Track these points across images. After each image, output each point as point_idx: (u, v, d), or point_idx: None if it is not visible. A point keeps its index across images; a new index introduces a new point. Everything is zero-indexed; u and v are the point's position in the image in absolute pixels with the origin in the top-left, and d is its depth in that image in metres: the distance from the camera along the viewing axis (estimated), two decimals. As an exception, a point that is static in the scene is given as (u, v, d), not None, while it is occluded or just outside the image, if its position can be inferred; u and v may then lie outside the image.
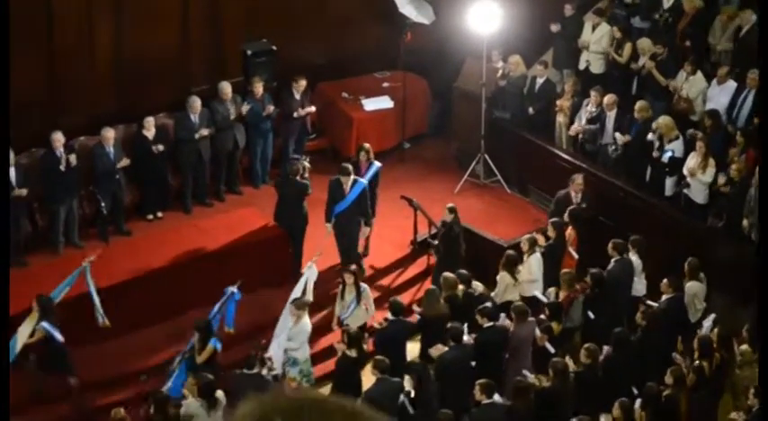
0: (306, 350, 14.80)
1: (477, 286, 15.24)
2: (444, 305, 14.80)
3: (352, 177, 16.41)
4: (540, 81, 18.70)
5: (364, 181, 16.48)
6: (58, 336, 14.34)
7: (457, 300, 14.91)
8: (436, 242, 16.57)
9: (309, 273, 15.25)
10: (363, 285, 15.40)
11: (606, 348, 13.93)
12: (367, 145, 17.24)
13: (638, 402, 12.99)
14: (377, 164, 16.91)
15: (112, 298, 15.19)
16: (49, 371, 14.70)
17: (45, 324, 14.33)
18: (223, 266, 16.00)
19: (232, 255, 16.34)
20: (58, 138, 16.74)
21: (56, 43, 17.37)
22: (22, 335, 14.34)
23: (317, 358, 15.19)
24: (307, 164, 17.01)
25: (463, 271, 15.36)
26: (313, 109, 18.80)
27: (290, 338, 14.68)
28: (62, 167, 16.69)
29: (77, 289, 14.86)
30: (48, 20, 17.17)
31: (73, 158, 16.74)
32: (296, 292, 15.02)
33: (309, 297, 15.09)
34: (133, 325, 15.52)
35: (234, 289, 14.86)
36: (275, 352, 14.66)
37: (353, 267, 15.57)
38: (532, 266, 15.49)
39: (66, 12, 17.29)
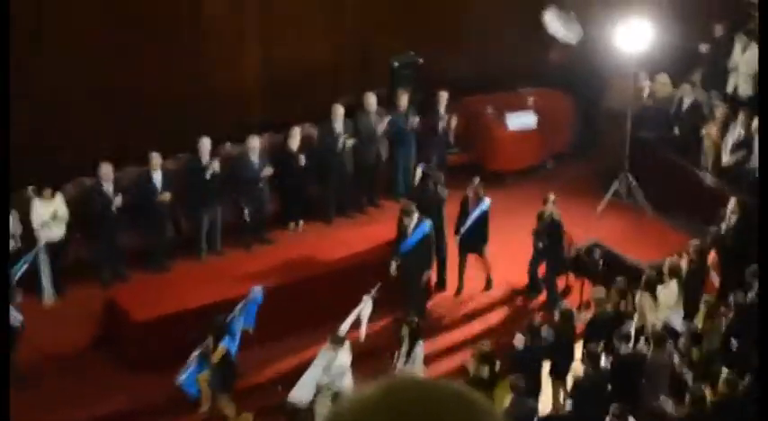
0: (345, 383, 14.54)
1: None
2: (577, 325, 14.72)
3: (416, 217, 15.92)
4: (687, 101, 18.57)
5: (427, 225, 15.91)
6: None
7: (603, 320, 14.75)
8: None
9: (365, 306, 15.03)
10: (419, 342, 14.68)
11: (747, 378, 13.54)
12: (477, 179, 16.79)
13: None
14: (487, 201, 16.50)
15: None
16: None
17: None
18: (360, 278, 15.91)
19: (370, 267, 16.25)
20: (204, 144, 16.99)
21: (207, 53, 17.73)
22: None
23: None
24: (440, 178, 16.96)
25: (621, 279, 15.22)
26: (456, 122, 18.69)
27: (324, 371, 14.50)
28: (207, 175, 16.90)
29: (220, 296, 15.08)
30: (199, 30, 17.58)
31: (217, 166, 16.93)
32: (346, 324, 14.79)
33: (363, 330, 14.93)
34: (270, 333, 15.50)
35: (258, 290, 14.83)
36: (302, 387, 14.53)
37: (412, 319, 14.97)
38: (673, 290, 15.20)
39: (217, 23, 17.71)
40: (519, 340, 14.41)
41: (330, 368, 14.55)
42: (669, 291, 15.23)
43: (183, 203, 17.26)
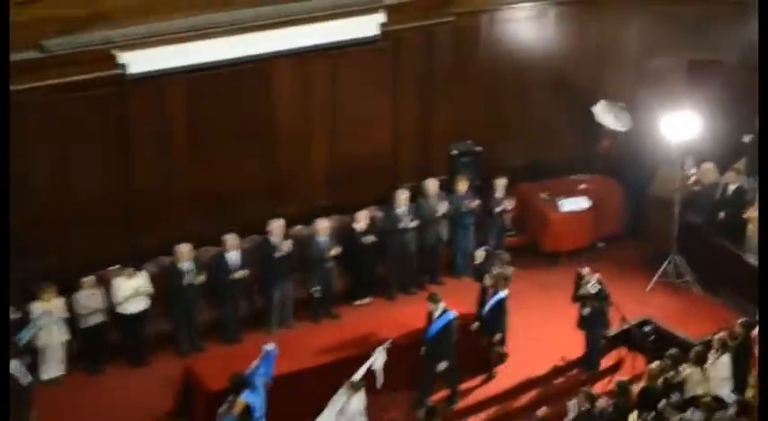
0: None
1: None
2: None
3: (441, 307, 15.61)
4: (732, 187, 18.32)
5: (451, 315, 15.55)
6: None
7: (653, 391, 14.44)
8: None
9: (378, 356, 15.02)
10: None
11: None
12: (505, 272, 16.34)
13: None
14: (502, 294, 16.09)
15: (318, 375, 15.20)
16: None
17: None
18: (418, 351, 15.76)
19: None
20: (276, 227, 17.12)
21: (278, 143, 17.90)
22: None
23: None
24: (506, 258, 16.79)
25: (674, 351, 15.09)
26: (512, 206, 18.79)
27: (338, 415, 14.54)
28: (278, 254, 16.97)
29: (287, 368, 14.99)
30: (270, 122, 17.74)
31: (288, 246, 17.03)
32: (359, 372, 14.76)
33: (380, 379, 14.93)
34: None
35: (270, 347, 14.61)
36: None
37: (427, 403, 14.95)
38: (722, 365, 14.90)
39: (287, 116, 17.83)
40: (572, 407, 14.22)
41: (345, 411, 14.63)
42: (718, 365, 14.91)
43: (257, 280, 17.27)
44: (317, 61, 17.62)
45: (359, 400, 14.73)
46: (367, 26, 17.47)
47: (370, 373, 14.92)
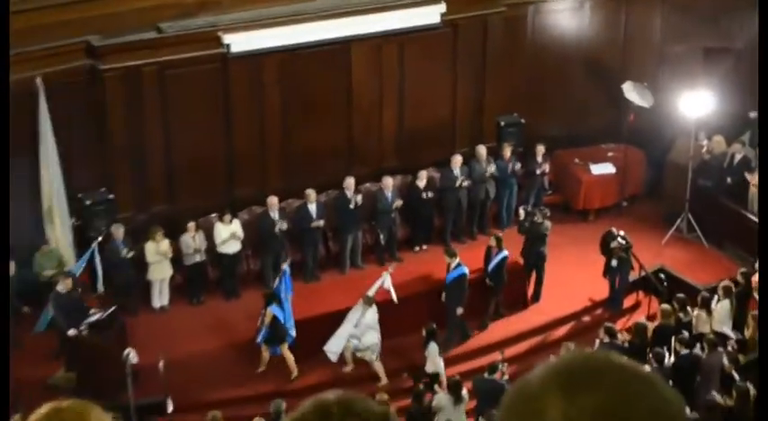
0: (372, 336, 15.06)
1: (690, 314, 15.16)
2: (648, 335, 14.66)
3: (456, 261, 15.77)
4: (738, 157, 18.39)
5: (464, 269, 15.66)
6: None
7: (666, 329, 14.78)
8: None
9: (384, 278, 15.43)
10: (432, 343, 14.74)
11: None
12: (500, 234, 16.66)
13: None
14: (504, 253, 16.13)
15: (386, 308, 15.49)
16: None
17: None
18: (470, 289, 16.07)
19: (479, 281, 16.43)
20: (350, 183, 17.34)
21: (353, 111, 18.12)
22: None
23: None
24: (547, 213, 17.11)
25: (681, 295, 15.31)
26: (549, 169, 18.89)
27: (356, 326, 14.98)
28: (351, 206, 17.22)
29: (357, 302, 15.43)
30: (348, 95, 17.96)
31: (360, 199, 17.25)
32: (372, 289, 15.18)
33: (393, 295, 15.36)
34: (396, 330, 15.61)
35: (285, 267, 15.26)
36: (336, 339, 14.98)
37: (431, 325, 14.97)
38: (725, 308, 15.22)
39: (362, 90, 18.02)
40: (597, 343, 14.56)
41: (359, 324, 15.01)
42: (721, 308, 15.19)
43: (332, 228, 17.51)
44: (388, 44, 17.74)
45: (372, 314, 15.04)
46: (430, 15, 17.48)
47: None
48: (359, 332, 15.10)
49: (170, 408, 13.80)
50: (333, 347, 15.14)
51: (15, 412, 11.25)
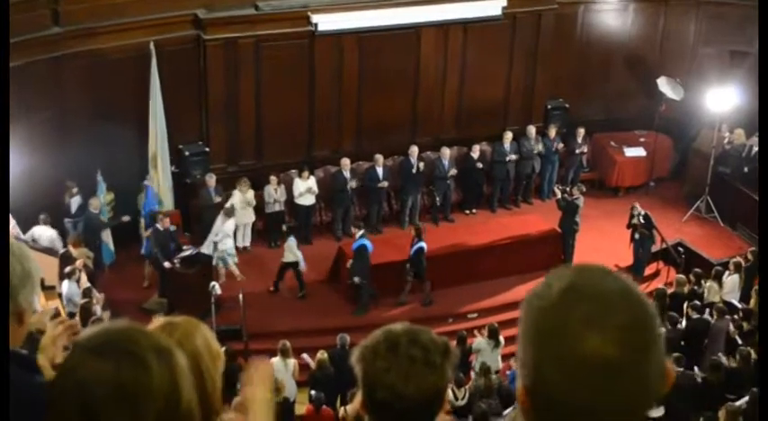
0: (229, 243, 15.23)
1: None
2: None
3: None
4: (755, 148, 18.02)
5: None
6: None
7: (680, 296, 14.67)
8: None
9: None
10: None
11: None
12: (420, 225, 15.96)
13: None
14: (421, 244, 15.29)
15: (437, 262, 15.56)
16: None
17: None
18: (512, 251, 16.18)
19: (520, 244, 16.45)
20: (413, 151, 17.35)
21: (419, 87, 17.99)
22: None
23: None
24: (583, 188, 17.03)
25: (698, 270, 15.21)
26: (588, 149, 18.84)
27: (216, 234, 14.99)
28: (413, 170, 17.21)
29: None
30: (416, 74, 17.84)
31: (421, 165, 17.22)
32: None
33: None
34: (447, 283, 15.75)
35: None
36: (206, 243, 15.10)
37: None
38: (735, 281, 15.14)
39: (428, 69, 17.89)
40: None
41: (218, 232, 15.08)
42: (731, 281, 15.11)
43: (395, 189, 17.48)
44: (453, 31, 17.61)
45: (231, 223, 15.21)
46: (492, 8, 17.49)
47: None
48: (219, 238, 15.16)
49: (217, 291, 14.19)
50: (204, 249, 15.22)
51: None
